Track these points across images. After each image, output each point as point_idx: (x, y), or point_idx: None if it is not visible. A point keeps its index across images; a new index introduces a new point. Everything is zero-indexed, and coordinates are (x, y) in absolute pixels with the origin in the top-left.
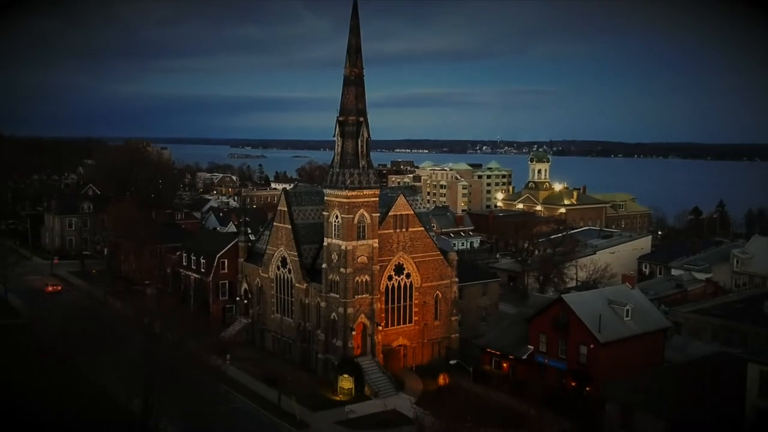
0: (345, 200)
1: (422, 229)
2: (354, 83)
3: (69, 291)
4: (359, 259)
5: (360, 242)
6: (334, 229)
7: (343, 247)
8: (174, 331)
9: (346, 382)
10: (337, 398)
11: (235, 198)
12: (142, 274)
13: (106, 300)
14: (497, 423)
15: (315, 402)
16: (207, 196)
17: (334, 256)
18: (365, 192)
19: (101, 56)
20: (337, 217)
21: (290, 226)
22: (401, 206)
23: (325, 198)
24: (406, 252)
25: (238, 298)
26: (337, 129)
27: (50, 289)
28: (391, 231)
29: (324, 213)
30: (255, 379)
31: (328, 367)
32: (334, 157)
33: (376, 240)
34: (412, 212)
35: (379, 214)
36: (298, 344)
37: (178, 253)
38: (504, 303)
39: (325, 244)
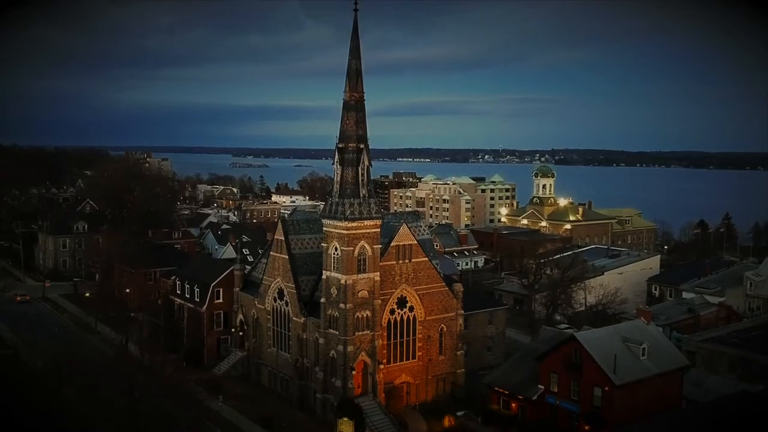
0: (345, 231)
1: (426, 259)
2: (354, 108)
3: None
4: (360, 294)
5: (360, 276)
6: (333, 262)
7: (342, 281)
8: (159, 380)
9: (345, 426)
10: None
11: (236, 212)
12: (135, 300)
13: (96, 327)
14: None
15: None
16: (206, 210)
17: (333, 291)
18: (366, 223)
19: (104, 65)
20: (336, 249)
21: (287, 257)
22: (404, 236)
23: (324, 229)
24: (410, 284)
25: (233, 330)
26: (336, 156)
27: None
28: (394, 262)
29: (323, 244)
30: (249, 420)
31: (326, 408)
32: (333, 186)
33: (378, 273)
34: (416, 242)
35: (380, 246)
36: (296, 381)
37: (173, 277)
38: (511, 329)
39: (323, 277)
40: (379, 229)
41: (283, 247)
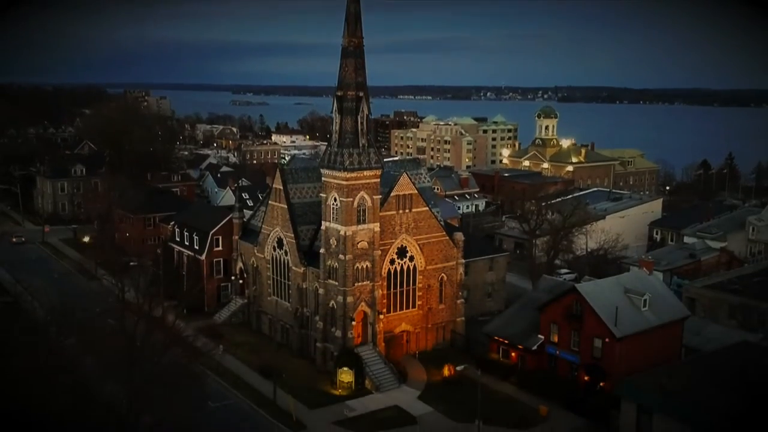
0: (344, 182)
1: (426, 208)
2: (353, 55)
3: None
4: (359, 245)
5: (360, 227)
6: (333, 213)
7: (342, 233)
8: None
9: (345, 376)
10: (337, 392)
11: (235, 153)
12: (135, 246)
13: (96, 273)
14: (507, 421)
15: (313, 397)
16: (206, 151)
17: (333, 241)
18: (365, 173)
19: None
20: (335, 199)
21: (286, 206)
22: (404, 185)
23: (323, 179)
24: (410, 234)
25: (233, 278)
26: (335, 105)
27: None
28: (394, 212)
29: (321, 194)
30: (250, 369)
31: (326, 357)
32: (332, 135)
33: (378, 224)
34: (416, 191)
35: (380, 196)
36: (296, 330)
37: (171, 223)
38: (511, 273)
39: (323, 227)
40: (378, 180)
41: (281, 196)
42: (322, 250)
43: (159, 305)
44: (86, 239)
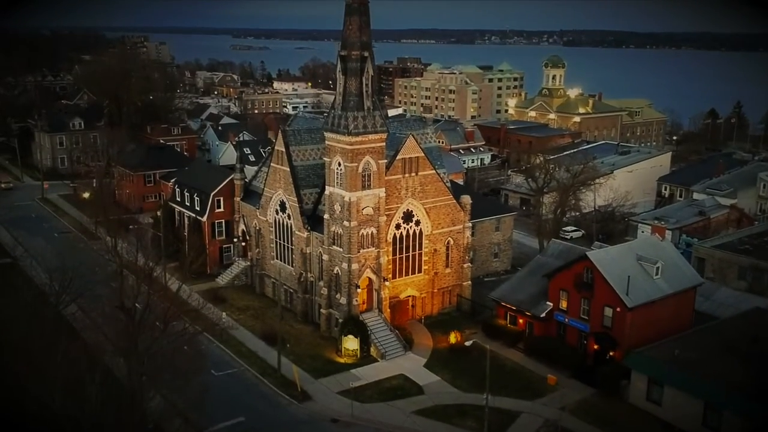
0: (348, 147)
1: (433, 172)
2: (358, 12)
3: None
4: (364, 211)
5: (365, 192)
6: (337, 177)
7: (346, 198)
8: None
9: (350, 343)
10: (342, 360)
11: (236, 102)
12: (135, 203)
13: (96, 232)
14: (515, 390)
15: (317, 365)
16: (207, 100)
17: (337, 207)
18: (370, 137)
19: None
20: (339, 164)
21: (288, 169)
22: (410, 148)
23: (326, 143)
24: (416, 198)
25: (235, 240)
26: (339, 65)
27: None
28: (400, 176)
29: (325, 158)
30: (254, 336)
31: (331, 323)
32: (335, 97)
33: (383, 189)
34: (423, 154)
35: (385, 160)
36: (300, 295)
37: (173, 180)
38: (517, 230)
39: (326, 193)
40: (384, 144)
41: (283, 158)
42: (326, 216)
43: (161, 269)
44: (86, 195)
